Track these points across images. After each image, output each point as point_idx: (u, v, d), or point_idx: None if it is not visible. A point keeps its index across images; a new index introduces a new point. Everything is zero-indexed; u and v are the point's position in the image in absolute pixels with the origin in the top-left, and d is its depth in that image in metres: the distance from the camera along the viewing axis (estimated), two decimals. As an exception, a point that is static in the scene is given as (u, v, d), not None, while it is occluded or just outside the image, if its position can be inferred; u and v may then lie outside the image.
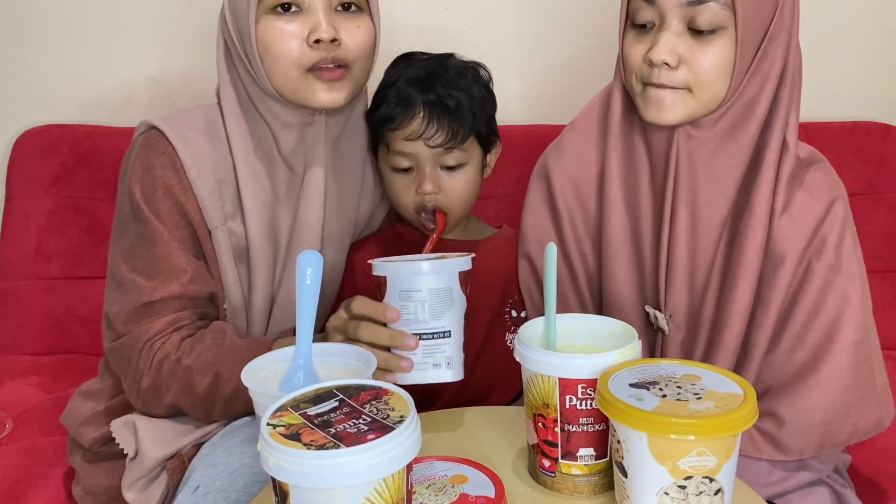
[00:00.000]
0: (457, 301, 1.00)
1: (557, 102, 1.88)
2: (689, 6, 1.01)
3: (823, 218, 1.08)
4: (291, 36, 1.09)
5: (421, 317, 0.98)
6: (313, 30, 1.09)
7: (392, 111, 1.24)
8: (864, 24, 1.89)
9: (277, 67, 1.11)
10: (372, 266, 1.01)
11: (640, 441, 0.78)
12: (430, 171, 1.25)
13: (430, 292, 0.98)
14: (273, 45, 1.10)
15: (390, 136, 1.25)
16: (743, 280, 1.08)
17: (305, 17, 1.10)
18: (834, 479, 1.16)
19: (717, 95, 1.05)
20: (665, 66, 1.02)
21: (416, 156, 1.24)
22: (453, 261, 0.99)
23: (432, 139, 1.22)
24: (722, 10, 1.00)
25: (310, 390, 0.80)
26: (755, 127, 1.08)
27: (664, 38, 1.02)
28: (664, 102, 1.05)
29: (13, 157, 1.78)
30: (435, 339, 0.99)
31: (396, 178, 1.28)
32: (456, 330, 1.00)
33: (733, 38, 1.01)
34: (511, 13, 1.87)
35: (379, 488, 0.70)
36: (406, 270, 0.99)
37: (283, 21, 1.10)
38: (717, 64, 1.02)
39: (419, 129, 1.22)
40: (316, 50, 1.10)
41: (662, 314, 1.13)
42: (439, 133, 1.22)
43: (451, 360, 1.00)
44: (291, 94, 1.13)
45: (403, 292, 0.98)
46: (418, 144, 1.23)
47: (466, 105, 1.24)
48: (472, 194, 1.30)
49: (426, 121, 1.22)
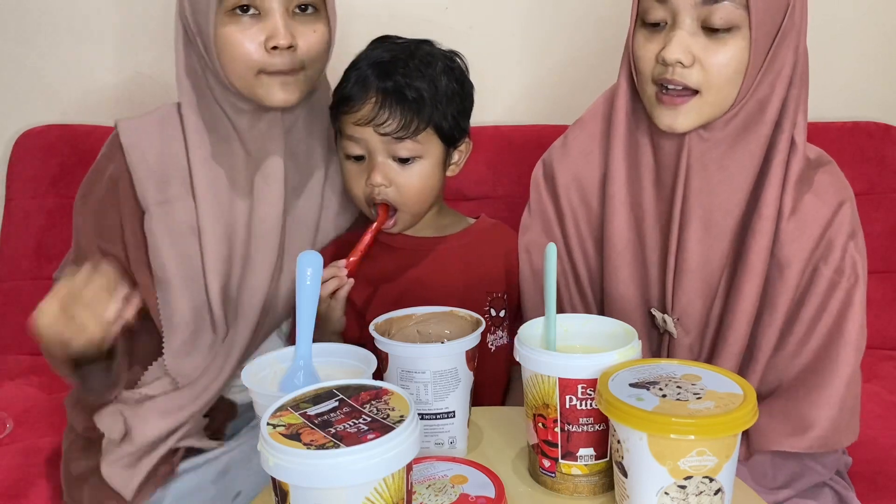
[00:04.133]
0: (463, 381, 0.98)
1: (557, 103, 1.88)
2: (704, 5, 1.00)
3: (831, 221, 1.07)
4: (250, 40, 1.11)
5: (423, 398, 0.96)
6: (271, 36, 1.11)
7: (347, 92, 1.20)
8: (864, 25, 1.89)
9: (234, 67, 1.13)
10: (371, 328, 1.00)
11: (640, 441, 0.78)
12: (381, 161, 1.20)
13: (435, 374, 0.96)
14: (232, 48, 1.11)
15: (343, 120, 1.21)
16: (749, 282, 1.07)
17: (264, 21, 1.11)
18: (836, 481, 1.16)
19: (728, 96, 1.04)
20: (679, 65, 1.02)
21: (367, 142, 1.19)
22: (459, 342, 0.96)
23: (382, 126, 1.17)
24: (737, 10, 0.99)
25: (310, 390, 0.80)
26: (767, 127, 1.07)
27: (678, 37, 1.01)
28: (677, 111, 1.04)
29: (13, 157, 1.78)
30: (438, 420, 0.98)
31: (349, 165, 1.23)
32: (461, 409, 0.99)
33: (748, 38, 1.01)
34: (511, 13, 1.87)
35: (379, 488, 0.70)
36: (409, 353, 0.96)
37: (242, 24, 1.11)
38: (731, 63, 1.01)
39: (369, 115, 1.17)
40: (273, 56, 1.12)
41: (670, 317, 1.13)
42: (390, 121, 1.17)
43: (454, 440, 0.99)
44: (246, 92, 1.15)
45: (406, 373, 0.96)
46: (368, 130, 1.18)
47: (427, 96, 1.18)
48: (428, 191, 1.23)
49: (378, 106, 1.17)
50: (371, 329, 0.99)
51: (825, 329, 1.06)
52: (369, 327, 1.00)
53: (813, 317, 1.07)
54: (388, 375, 0.98)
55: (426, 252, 1.29)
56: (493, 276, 1.29)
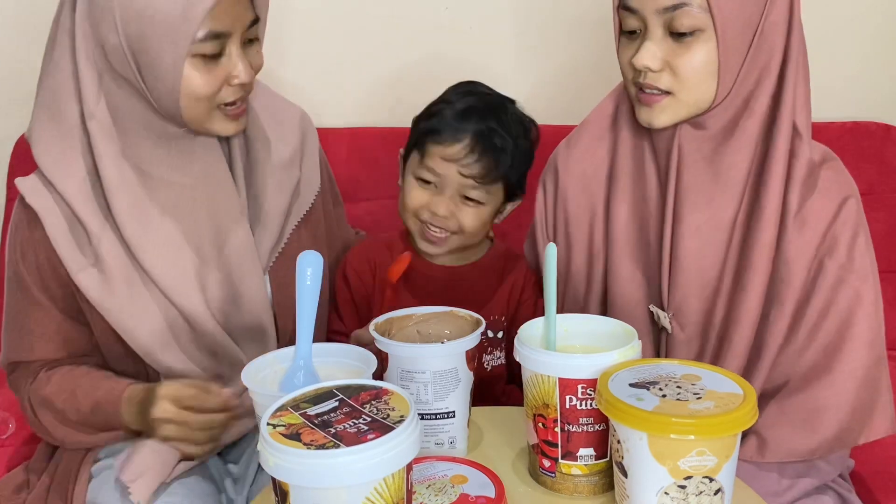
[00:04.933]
0: (463, 380, 0.98)
1: (557, 103, 1.88)
2: (667, 12, 1.03)
3: (835, 216, 1.08)
4: (215, 79, 1.10)
5: (423, 398, 0.96)
6: (236, 76, 1.10)
7: (441, 125, 1.23)
8: (864, 25, 1.89)
9: (194, 105, 1.10)
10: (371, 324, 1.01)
11: (640, 441, 0.78)
12: (451, 196, 1.24)
13: (435, 374, 0.96)
14: (198, 90, 1.09)
15: (429, 149, 1.24)
16: (753, 280, 1.07)
17: (225, 61, 1.10)
18: (839, 483, 1.16)
19: (704, 95, 1.06)
20: (648, 70, 1.05)
21: (446, 177, 1.23)
22: (459, 342, 0.97)
23: (468, 168, 1.22)
24: (699, 14, 1.01)
25: (310, 390, 0.80)
26: (756, 123, 1.08)
27: (645, 45, 1.05)
28: (653, 107, 1.08)
29: (14, 157, 1.78)
30: (438, 420, 0.98)
31: (414, 183, 1.26)
32: (461, 409, 0.99)
33: (714, 39, 1.03)
34: (511, 13, 1.87)
35: (379, 488, 0.70)
36: (409, 353, 0.96)
37: (208, 68, 1.09)
38: (698, 66, 1.04)
39: (458, 155, 1.21)
40: (233, 90, 1.12)
41: (665, 313, 1.13)
42: (477, 165, 1.22)
43: (454, 440, 1.00)
44: (195, 125, 1.13)
45: (406, 373, 0.96)
46: (452, 167, 1.22)
47: (510, 151, 1.23)
48: (475, 231, 1.28)
49: (469, 149, 1.21)
50: (371, 329, 0.99)
51: (833, 326, 1.06)
52: (369, 327, 1.00)
53: (820, 312, 1.07)
54: (388, 375, 0.98)
55: (439, 281, 1.31)
56: (493, 301, 1.31)
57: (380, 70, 1.88)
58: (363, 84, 1.89)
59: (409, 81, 1.86)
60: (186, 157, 1.17)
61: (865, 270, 1.07)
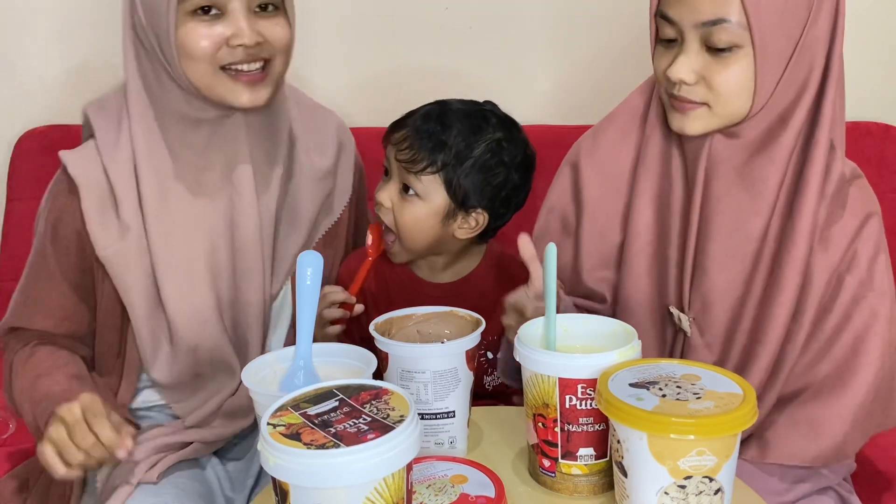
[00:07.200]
0: (463, 380, 0.98)
1: (557, 103, 1.88)
2: (705, 26, 1.00)
3: (858, 233, 1.07)
4: (212, 38, 1.09)
5: (423, 398, 0.97)
6: (236, 35, 1.10)
7: (401, 118, 1.29)
8: (863, 25, 1.89)
9: (195, 66, 1.11)
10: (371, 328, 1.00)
11: (640, 441, 0.79)
12: (395, 184, 1.27)
13: (435, 374, 0.96)
14: (192, 46, 1.09)
15: (387, 139, 1.30)
16: (783, 295, 1.06)
17: (226, 21, 1.10)
18: (840, 484, 1.16)
19: (739, 109, 1.04)
20: (683, 83, 1.03)
21: (390, 162, 1.28)
22: (459, 342, 0.97)
23: (403, 153, 1.25)
24: (738, 30, 0.99)
25: (310, 390, 0.80)
26: (792, 137, 1.06)
27: (681, 58, 1.03)
28: (686, 116, 1.06)
29: (14, 157, 1.78)
30: (438, 420, 0.98)
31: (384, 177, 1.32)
32: (461, 409, 0.99)
33: (751, 55, 1.01)
34: (511, 13, 1.87)
35: (379, 488, 0.70)
36: (409, 353, 0.96)
37: (204, 24, 1.09)
38: (734, 81, 1.02)
39: (398, 139, 1.26)
40: (235, 52, 1.11)
41: (686, 316, 1.12)
42: (409, 151, 1.25)
43: (454, 440, 1.00)
44: (207, 92, 1.13)
45: (406, 372, 0.97)
46: (392, 151, 1.27)
47: (453, 150, 1.24)
48: (418, 232, 1.26)
49: (405, 136, 1.26)
50: (371, 329, 1.00)
51: (848, 342, 1.06)
52: (369, 327, 1.00)
53: (836, 327, 1.06)
54: (388, 375, 0.98)
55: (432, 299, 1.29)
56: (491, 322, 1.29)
57: (380, 70, 1.88)
58: (363, 84, 1.89)
59: (409, 82, 1.87)
60: (218, 141, 1.18)
61: (884, 289, 1.07)
